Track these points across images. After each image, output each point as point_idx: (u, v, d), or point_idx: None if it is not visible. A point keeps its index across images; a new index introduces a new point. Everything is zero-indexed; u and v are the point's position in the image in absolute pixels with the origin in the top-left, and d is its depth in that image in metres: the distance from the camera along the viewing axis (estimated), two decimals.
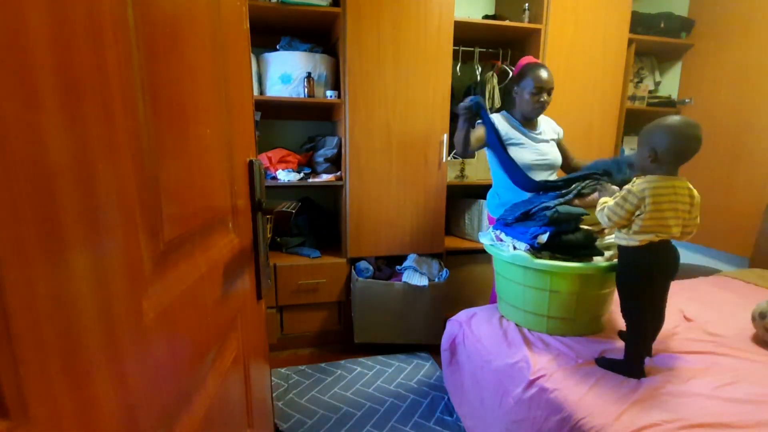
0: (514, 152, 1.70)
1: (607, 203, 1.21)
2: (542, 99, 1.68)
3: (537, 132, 1.79)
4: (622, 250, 1.21)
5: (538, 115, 1.75)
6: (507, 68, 2.42)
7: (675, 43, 2.63)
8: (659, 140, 1.12)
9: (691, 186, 1.15)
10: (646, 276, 1.16)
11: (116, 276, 0.36)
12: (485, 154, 2.45)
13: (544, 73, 1.67)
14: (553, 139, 1.83)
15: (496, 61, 2.47)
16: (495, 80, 2.42)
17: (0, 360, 0.24)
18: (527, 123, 1.79)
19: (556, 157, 1.80)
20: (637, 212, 1.13)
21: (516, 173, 1.61)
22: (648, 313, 1.20)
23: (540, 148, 1.77)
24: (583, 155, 1.95)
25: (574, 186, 1.47)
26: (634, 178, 1.18)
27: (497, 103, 2.44)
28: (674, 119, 1.12)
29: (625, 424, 1.00)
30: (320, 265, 2.19)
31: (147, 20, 0.41)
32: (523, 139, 1.75)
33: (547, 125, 1.84)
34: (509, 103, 2.47)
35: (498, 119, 1.79)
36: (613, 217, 1.17)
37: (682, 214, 1.12)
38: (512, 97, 1.79)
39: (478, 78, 2.45)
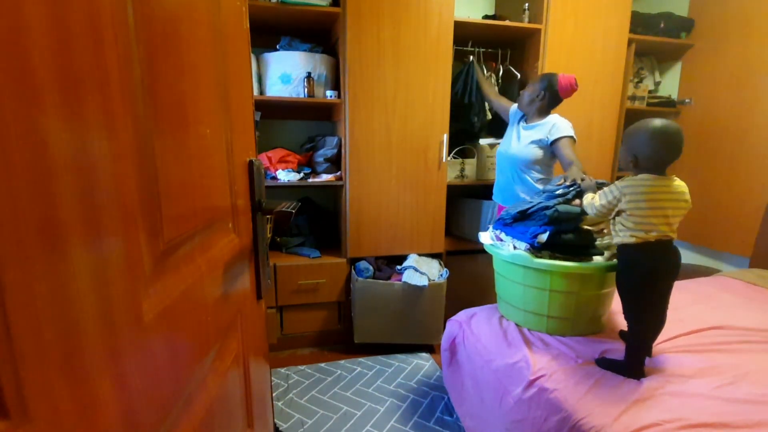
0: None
1: (593, 196, 1.27)
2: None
3: (527, 126, 1.93)
4: (621, 249, 1.21)
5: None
6: (511, 69, 2.42)
7: (675, 43, 2.63)
8: (640, 147, 1.14)
9: (683, 184, 1.15)
10: (646, 277, 1.16)
11: (116, 276, 0.36)
12: (484, 153, 2.45)
13: None
14: (535, 140, 1.84)
15: (496, 62, 2.47)
16: (494, 80, 2.42)
17: (0, 360, 0.24)
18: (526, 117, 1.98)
19: (519, 151, 1.90)
20: (618, 207, 1.17)
21: None
22: (648, 314, 1.20)
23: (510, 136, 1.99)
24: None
25: (573, 186, 1.48)
26: (625, 176, 1.22)
27: None
28: (656, 125, 1.12)
29: (625, 424, 1.00)
30: (320, 265, 2.19)
31: (147, 20, 0.41)
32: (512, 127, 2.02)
33: (545, 124, 1.84)
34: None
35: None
36: (599, 207, 1.22)
37: (672, 212, 1.12)
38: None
39: None
